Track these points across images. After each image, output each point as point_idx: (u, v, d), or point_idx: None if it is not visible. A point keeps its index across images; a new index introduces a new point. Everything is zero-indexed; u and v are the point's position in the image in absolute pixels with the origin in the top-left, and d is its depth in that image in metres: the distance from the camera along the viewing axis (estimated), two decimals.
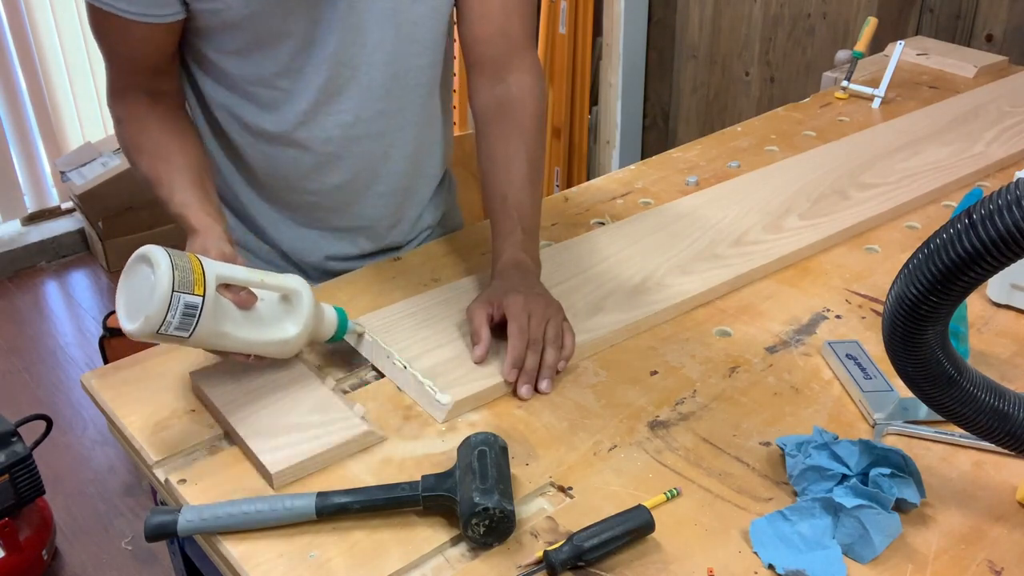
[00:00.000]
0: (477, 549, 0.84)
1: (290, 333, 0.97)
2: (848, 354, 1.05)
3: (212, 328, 0.90)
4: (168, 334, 0.88)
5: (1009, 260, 0.65)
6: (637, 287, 1.18)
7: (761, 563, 0.82)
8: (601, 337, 1.09)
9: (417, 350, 1.06)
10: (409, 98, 1.20)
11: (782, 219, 1.33)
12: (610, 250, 1.26)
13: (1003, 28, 2.23)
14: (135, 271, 0.91)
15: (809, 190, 1.40)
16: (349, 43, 1.12)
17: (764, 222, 1.32)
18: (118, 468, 2.41)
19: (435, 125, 1.28)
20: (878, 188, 1.41)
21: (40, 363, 2.81)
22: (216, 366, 1.03)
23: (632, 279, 1.20)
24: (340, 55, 1.12)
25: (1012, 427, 0.77)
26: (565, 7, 2.97)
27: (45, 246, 3.34)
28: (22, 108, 3.27)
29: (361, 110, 1.17)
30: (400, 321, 1.11)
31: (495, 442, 0.89)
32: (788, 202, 1.37)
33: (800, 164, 1.50)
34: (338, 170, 1.21)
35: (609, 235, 1.30)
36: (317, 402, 0.98)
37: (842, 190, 1.40)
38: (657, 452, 0.95)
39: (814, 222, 1.32)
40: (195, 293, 0.88)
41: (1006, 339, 1.11)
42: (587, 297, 1.16)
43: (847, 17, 2.52)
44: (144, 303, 0.87)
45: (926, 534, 0.85)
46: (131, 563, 2.15)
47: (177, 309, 0.87)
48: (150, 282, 0.87)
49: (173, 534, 0.85)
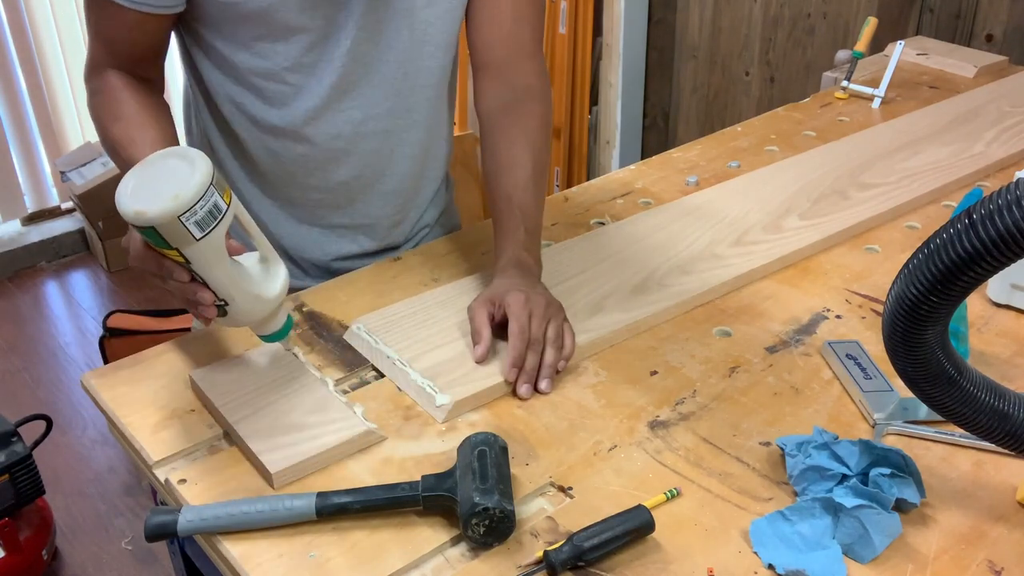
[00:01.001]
0: (477, 549, 0.84)
1: (266, 292, 0.97)
2: (848, 354, 1.05)
3: (216, 245, 0.88)
4: (185, 225, 0.85)
5: (1009, 260, 0.65)
6: (637, 287, 1.18)
7: (761, 563, 0.82)
8: (601, 337, 1.09)
9: (417, 350, 1.06)
10: (418, 98, 1.21)
11: (782, 219, 1.33)
12: (610, 250, 1.26)
13: (1003, 28, 2.23)
14: (160, 164, 0.88)
15: (809, 190, 1.40)
16: (364, 40, 1.12)
17: (764, 222, 1.32)
18: (118, 468, 2.41)
19: (440, 126, 1.29)
20: (878, 188, 1.41)
21: (40, 363, 2.81)
22: (216, 366, 1.03)
23: (632, 279, 1.20)
24: (354, 52, 1.12)
25: (1012, 427, 0.77)
26: (565, 7, 2.97)
27: (45, 246, 3.34)
28: (22, 108, 3.27)
29: (371, 107, 1.17)
30: (400, 321, 1.11)
31: (495, 442, 0.89)
32: (788, 202, 1.37)
33: (800, 164, 1.50)
34: (344, 167, 1.21)
35: (609, 235, 1.30)
36: (317, 402, 0.98)
37: (842, 190, 1.40)
38: (657, 452, 0.95)
39: (814, 222, 1.32)
40: (224, 200, 0.87)
41: (1006, 339, 1.11)
42: (587, 297, 1.16)
43: (847, 17, 2.52)
44: (177, 186, 0.84)
45: (926, 534, 0.85)
46: (131, 563, 2.15)
47: (208, 202, 0.85)
48: (185, 172, 0.85)
49: (173, 534, 0.85)
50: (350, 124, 1.18)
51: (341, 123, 1.17)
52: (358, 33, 1.11)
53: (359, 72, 1.14)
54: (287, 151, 1.19)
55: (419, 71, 1.19)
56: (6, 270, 3.27)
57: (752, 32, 2.75)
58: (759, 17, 2.71)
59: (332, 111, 1.16)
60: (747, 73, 2.81)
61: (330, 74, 1.13)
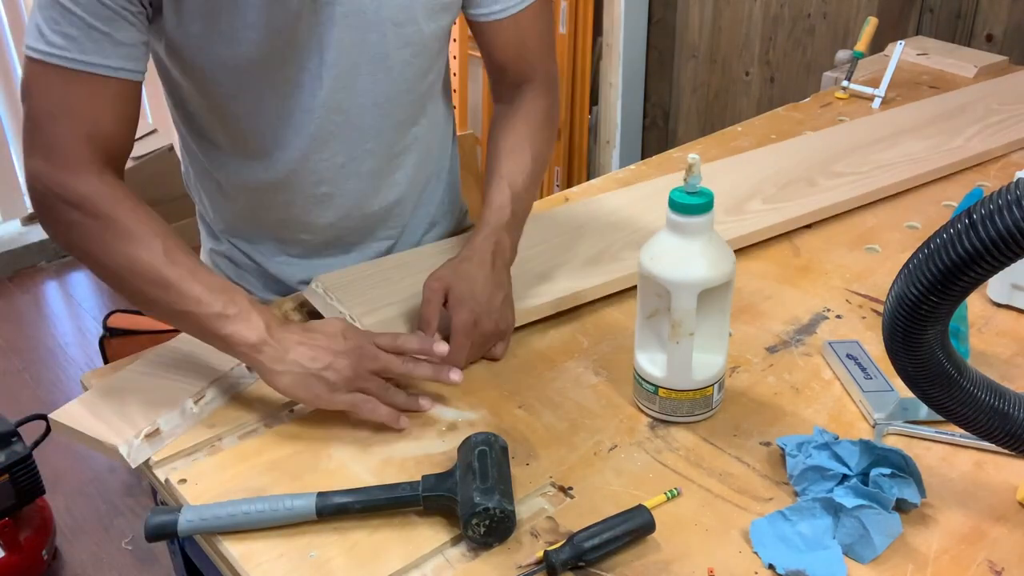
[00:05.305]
0: (477, 549, 0.84)
1: None
2: (848, 354, 1.05)
3: None
4: None
5: (1009, 260, 0.65)
6: (590, 259, 1.21)
7: (761, 563, 0.82)
8: (546, 303, 1.13)
9: (368, 307, 1.10)
10: (401, 132, 1.19)
11: (745, 203, 1.34)
12: (570, 225, 1.28)
13: (1003, 28, 2.23)
14: None
15: (778, 177, 1.41)
16: (339, 89, 1.09)
17: (727, 205, 1.33)
18: (118, 468, 2.41)
19: (432, 153, 1.27)
20: (848, 177, 1.41)
21: (40, 363, 2.81)
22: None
23: (586, 252, 1.22)
24: (329, 103, 1.09)
25: (1012, 427, 0.77)
26: (565, 7, 2.97)
27: (45, 246, 3.34)
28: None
29: (353, 150, 1.15)
30: (357, 282, 1.15)
31: (495, 442, 0.89)
32: (755, 188, 1.38)
33: (776, 152, 1.51)
34: (330, 210, 1.20)
35: (572, 212, 1.32)
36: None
37: (811, 178, 1.41)
38: (657, 452, 0.95)
39: (777, 206, 1.33)
40: None
41: (1006, 339, 1.11)
42: (538, 268, 1.18)
43: (847, 17, 2.52)
44: None
45: (926, 534, 0.85)
46: (131, 563, 2.15)
47: None
48: None
49: (173, 534, 0.85)
50: (332, 169, 1.16)
51: (323, 170, 1.15)
52: (332, 82, 1.08)
53: (337, 121, 1.11)
54: (273, 200, 1.18)
55: (400, 107, 1.16)
56: (6, 270, 3.27)
57: (752, 32, 2.75)
58: (759, 17, 2.71)
59: (313, 160, 1.14)
60: (747, 73, 2.81)
61: (307, 124, 1.10)
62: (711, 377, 0.96)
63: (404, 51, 1.11)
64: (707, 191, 0.92)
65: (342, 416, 0.99)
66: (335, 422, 0.98)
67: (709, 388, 0.97)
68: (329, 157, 1.14)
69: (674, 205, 0.92)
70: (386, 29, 1.07)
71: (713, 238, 0.94)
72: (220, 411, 1.01)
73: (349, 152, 1.15)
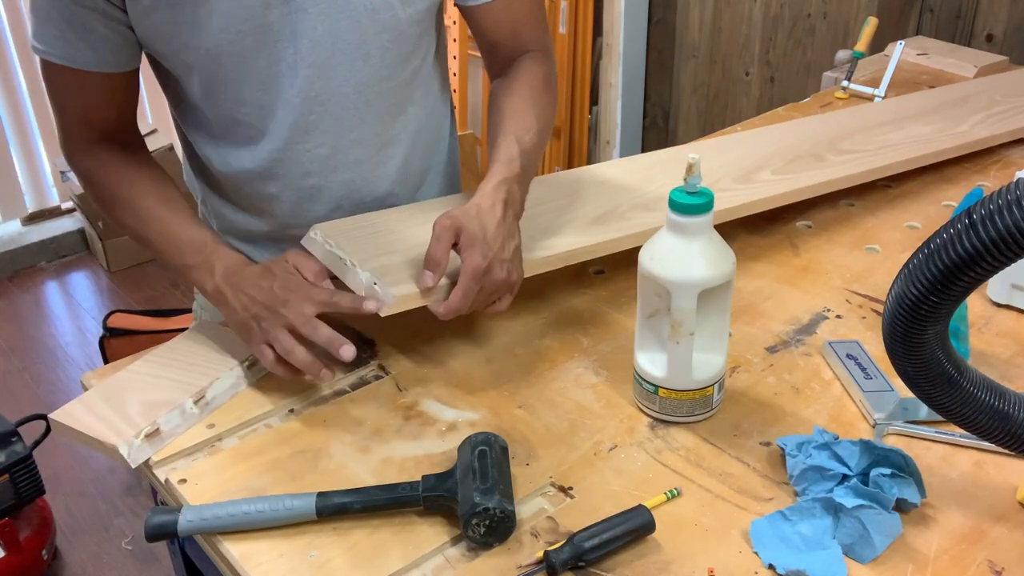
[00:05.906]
0: (477, 549, 0.84)
1: None
2: (848, 354, 1.05)
3: None
4: None
5: (1009, 260, 0.65)
6: (597, 218, 1.19)
7: (762, 563, 0.82)
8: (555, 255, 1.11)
9: (368, 254, 1.06)
10: (387, 122, 1.18)
11: (754, 173, 1.34)
12: (577, 187, 1.27)
13: (1003, 28, 2.23)
14: None
15: (786, 152, 1.41)
16: (317, 78, 1.09)
17: (735, 175, 1.33)
18: (118, 468, 2.41)
19: (425, 145, 1.26)
20: (856, 154, 1.41)
21: (40, 363, 2.81)
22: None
23: (593, 212, 1.21)
24: (308, 92, 1.09)
25: (1012, 427, 0.77)
26: (565, 7, 2.97)
27: (45, 246, 3.34)
28: (22, 108, 3.27)
29: (338, 141, 1.15)
30: (357, 231, 1.11)
31: (495, 442, 0.89)
32: (763, 160, 1.38)
33: (782, 130, 1.51)
34: (319, 203, 1.19)
35: (579, 176, 1.32)
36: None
37: (819, 154, 1.41)
38: (657, 452, 0.95)
39: (786, 177, 1.33)
40: None
41: (1006, 339, 1.11)
42: (545, 224, 1.17)
43: (847, 17, 2.52)
44: None
45: (926, 534, 0.85)
46: (131, 563, 2.15)
47: None
48: None
49: (173, 534, 0.85)
50: (318, 160, 1.15)
51: (308, 161, 1.15)
52: (308, 71, 1.08)
53: (317, 111, 1.11)
54: (264, 192, 1.18)
55: (383, 96, 1.15)
56: (6, 270, 3.27)
57: (752, 32, 2.75)
58: (759, 17, 2.71)
59: (298, 151, 1.14)
60: (747, 73, 2.81)
61: (288, 114, 1.10)
62: (711, 377, 0.96)
63: (381, 37, 1.10)
64: (707, 191, 0.92)
65: (342, 416, 0.99)
66: (335, 422, 0.99)
67: (709, 388, 0.97)
68: (313, 148, 1.14)
69: (674, 205, 0.92)
70: (360, 16, 1.07)
71: (713, 238, 0.93)
72: (220, 411, 1.01)
73: (334, 143, 1.15)
